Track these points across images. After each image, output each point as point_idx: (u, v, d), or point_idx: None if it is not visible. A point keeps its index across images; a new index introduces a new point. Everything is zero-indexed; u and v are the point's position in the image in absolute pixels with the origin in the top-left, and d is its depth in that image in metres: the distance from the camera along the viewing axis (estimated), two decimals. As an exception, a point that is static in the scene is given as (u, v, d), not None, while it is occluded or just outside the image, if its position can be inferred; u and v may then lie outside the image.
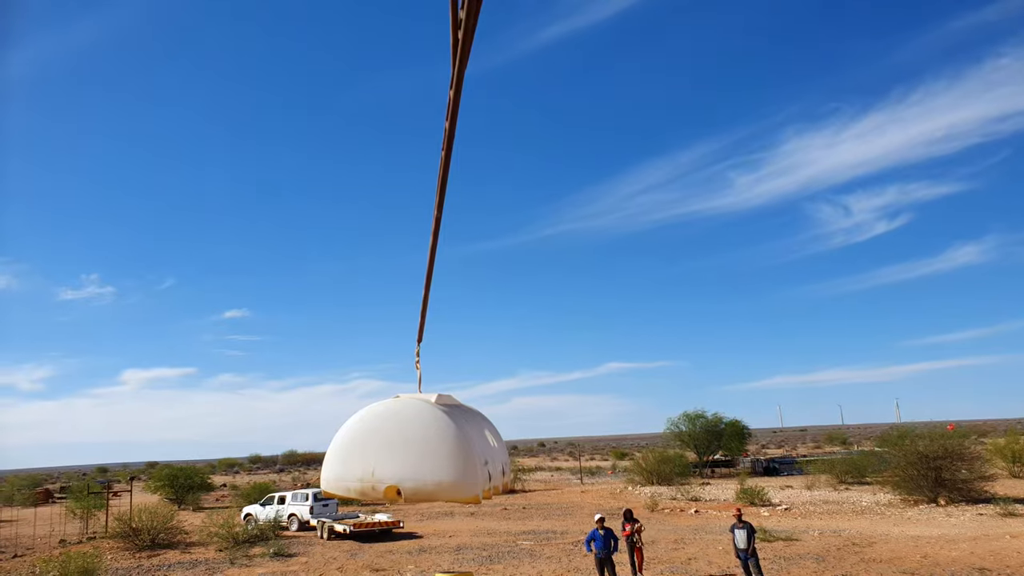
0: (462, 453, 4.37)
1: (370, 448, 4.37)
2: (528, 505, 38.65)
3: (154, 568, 22.55)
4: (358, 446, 4.40)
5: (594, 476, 60.44)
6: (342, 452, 4.39)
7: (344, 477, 4.35)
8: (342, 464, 4.38)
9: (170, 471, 49.64)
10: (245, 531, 27.78)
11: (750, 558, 15.72)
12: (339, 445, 4.41)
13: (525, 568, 19.76)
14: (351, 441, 4.41)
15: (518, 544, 24.39)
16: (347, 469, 4.37)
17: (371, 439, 4.41)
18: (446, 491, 4.56)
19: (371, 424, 4.47)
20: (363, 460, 4.36)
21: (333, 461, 4.40)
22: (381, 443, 4.39)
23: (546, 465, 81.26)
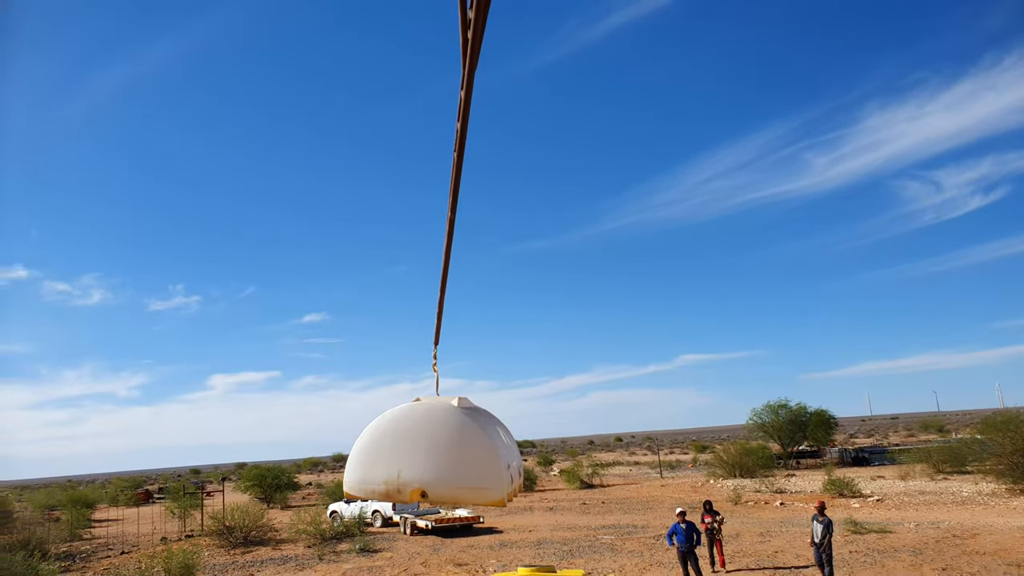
0: (488, 456, 4.33)
1: (396, 451, 4.32)
2: (607, 500, 38.38)
3: (248, 564, 23.39)
4: (384, 449, 4.36)
5: (674, 470, 59.57)
6: (366, 455, 4.36)
7: (369, 480, 4.32)
8: (367, 467, 4.34)
9: (258, 471, 51.41)
10: (332, 528, 28.52)
11: (823, 553, 15.24)
12: (363, 448, 4.38)
13: (607, 562, 19.62)
14: (376, 444, 4.38)
15: (598, 539, 24.25)
16: (372, 472, 4.33)
17: (397, 442, 4.36)
18: (472, 494, 4.54)
19: (396, 427, 4.42)
20: (389, 463, 4.32)
21: (357, 464, 4.36)
22: (407, 446, 4.34)
23: (624, 460, 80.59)
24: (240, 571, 22.02)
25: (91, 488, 66.21)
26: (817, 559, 15.43)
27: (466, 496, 4.59)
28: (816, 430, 57.28)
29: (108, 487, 68.73)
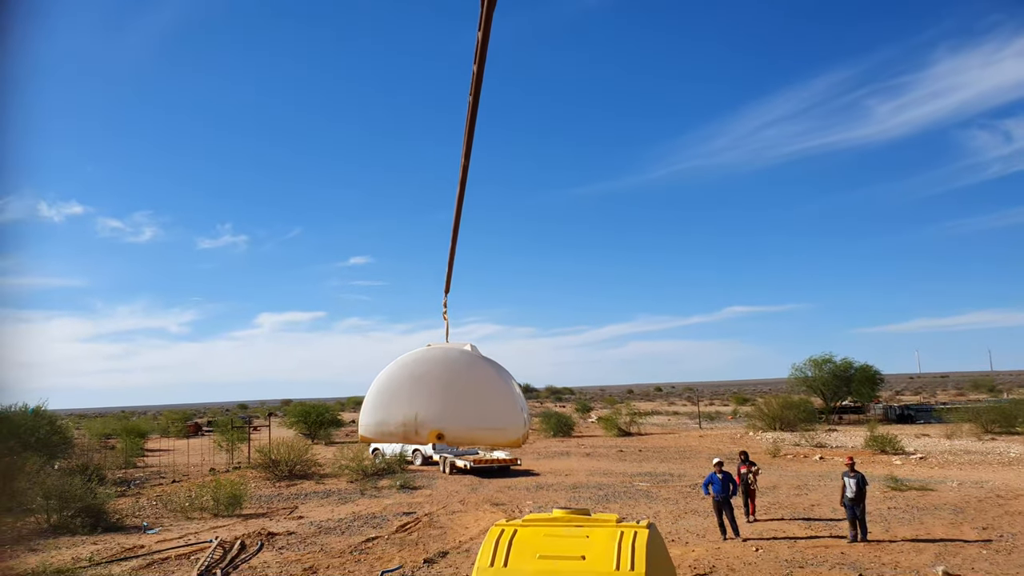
0: (504, 398, 4.46)
1: (413, 394, 4.38)
2: (644, 448, 38.55)
3: (292, 496, 24.16)
4: (401, 392, 4.38)
5: (713, 421, 59.47)
6: (382, 398, 4.36)
7: (386, 422, 4.34)
8: (383, 410, 4.35)
9: (303, 408, 52.82)
10: (373, 464, 29.24)
11: (856, 507, 15.05)
12: (379, 392, 4.38)
13: (642, 508, 19.74)
14: (393, 387, 4.39)
15: (634, 485, 24.40)
16: (389, 414, 4.35)
17: (414, 385, 4.41)
18: (489, 435, 4.57)
19: (412, 370, 4.46)
20: (406, 405, 4.34)
21: (373, 407, 4.36)
22: (424, 388, 4.40)
23: (663, 409, 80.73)
24: (285, 503, 22.76)
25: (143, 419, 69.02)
26: (850, 515, 15.26)
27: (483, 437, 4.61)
28: (861, 386, 56.43)
29: (159, 419, 71.56)
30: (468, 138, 2.99)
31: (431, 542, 16.10)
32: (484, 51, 2.41)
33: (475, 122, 2.85)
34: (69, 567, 14.19)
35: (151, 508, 22.29)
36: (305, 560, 14.69)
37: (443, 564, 14.14)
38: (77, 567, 14.31)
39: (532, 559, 7.03)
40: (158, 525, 19.25)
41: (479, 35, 2.33)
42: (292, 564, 14.40)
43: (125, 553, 15.79)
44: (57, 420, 31.72)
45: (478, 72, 2.50)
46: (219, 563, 14.61)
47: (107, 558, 15.31)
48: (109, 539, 17.45)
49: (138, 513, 21.31)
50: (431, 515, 19.47)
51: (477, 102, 2.70)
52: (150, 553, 15.73)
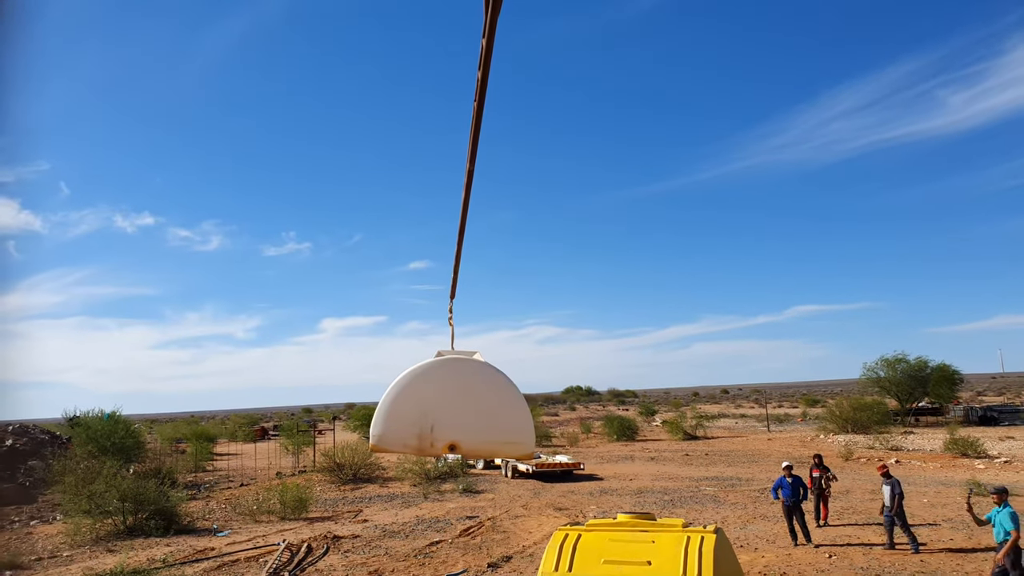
0: (519, 409, 4.42)
1: (428, 404, 4.31)
2: (711, 452, 37.74)
3: (357, 500, 24.43)
4: (416, 403, 4.31)
5: (782, 424, 57.90)
6: (397, 409, 4.28)
7: (401, 432, 4.26)
8: (398, 421, 4.28)
9: (366, 412, 53.53)
10: (436, 468, 29.36)
11: (894, 517, 14.34)
12: (394, 402, 4.30)
13: (709, 513, 19.25)
14: (407, 398, 4.31)
15: (701, 490, 23.85)
16: (404, 426, 4.28)
17: (429, 395, 4.34)
18: (504, 448, 4.50)
19: (427, 381, 4.39)
20: (421, 416, 4.27)
21: (388, 418, 4.27)
22: (439, 399, 4.33)
23: (730, 412, 79.04)
24: (350, 506, 23.01)
25: (212, 424, 71.15)
26: (887, 523, 14.62)
27: (498, 449, 4.56)
28: (938, 386, 54.07)
29: (227, 423, 73.66)
30: (473, 145, 2.92)
31: (494, 546, 16.00)
32: (488, 58, 2.36)
33: (480, 129, 2.79)
34: (145, 568, 14.57)
35: (221, 511, 22.84)
36: (370, 563, 14.76)
37: (507, 569, 14.01)
38: (152, 568, 14.70)
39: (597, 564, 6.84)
40: (228, 528, 19.67)
41: (483, 42, 2.28)
42: (357, 567, 14.49)
43: (197, 555, 16.17)
44: (131, 425, 32.85)
45: (482, 79, 2.45)
46: (287, 566, 14.80)
47: (180, 559, 15.70)
48: (181, 541, 17.92)
49: (208, 516, 21.85)
50: (494, 519, 19.39)
51: (482, 108, 2.65)
52: (220, 555, 16.06)
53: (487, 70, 2.41)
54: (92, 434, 29.29)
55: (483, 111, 2.68)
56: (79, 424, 31.51)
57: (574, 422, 68.00)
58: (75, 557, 16.71)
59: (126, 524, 19.10)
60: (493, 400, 4.36)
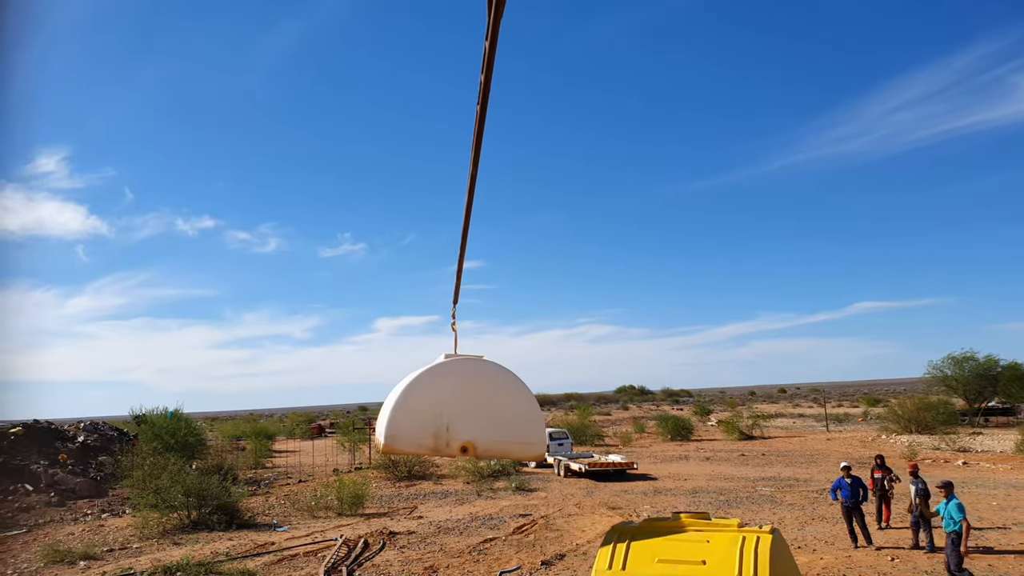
0: (532, 410, 4.48)
1: (443, 405, 4.33)
2: (767, 452, 37.04)
3: (412, 496, 24.74)
4: (431, 401, 4.32)
5: (841, 423, 56.44)
6: (412, 409, 4.30)
7: (417, 432, 4.27)
8: (414, 419, 4.29)
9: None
10: (489, 466, 29.52)
11: (919, 519, 14.14)
12: (407, 403, 4.31)
13: (765, 514, 18.93)
14: (422, 399, 4.33)
15: (757, 490, 23.45)
16: (421, 424, 4.30)
17: (443, 396, 4.38)
18: (517, 448, 4.58)
19: (441, 381, 4.43)
20: (436, 417, 4.29)
21: (401, 419, 4.28)
22: (455, 399, 4.37)
23: (787, 412, 77.37)
24: (405, 503, 23.32)
25: (270, 421, 72.71)
26: (913, 523, 14.40)
27: (512, 450, 4.59)
28: (1010, 385, 51.89)
29: (285, 421, 75.25)
30: (476, 149, 2.95)
31: (548, 544, 16.03)
32: (491, 61, 2.39)
33: (483, 133, 2.82)
34: (209, 561, 15.03)
35: (280, 507, 23.39)
36: (425, 559, 14.94)
37: (560, 566, 14.02)
38: (215, 561, 15.15)
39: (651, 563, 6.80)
40: (287, 523, 20.15)
41: (486, 44, 2.30)
42: (413, 563, 14.69)
43: (258, 549, 16.61)
44: (193, 422, 33.84)
45: (485, 81, 2.47)
46: (344, 561, 15.09)
47: (242, 553, 16.15)
48: (243, 536, 18.42)
49: (268, 511, 22.40)
50: (547, 517, 19.41)
51: (485, 111, 2.67)
52: (280, 550, 16.46)
53: (490, 73, 2.43)
54: (157, 431, 30.28)
55: (486, 114, 2.70)
56: (144, 421, 32.63)
57: (627, 421, 67.52)
58: (144, 549, 17.33)
59: (190, 518, 19.74)
60: (506, 400, 4.42)
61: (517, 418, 4.44)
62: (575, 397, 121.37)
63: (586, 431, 46.76)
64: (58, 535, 19.80)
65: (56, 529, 21.09)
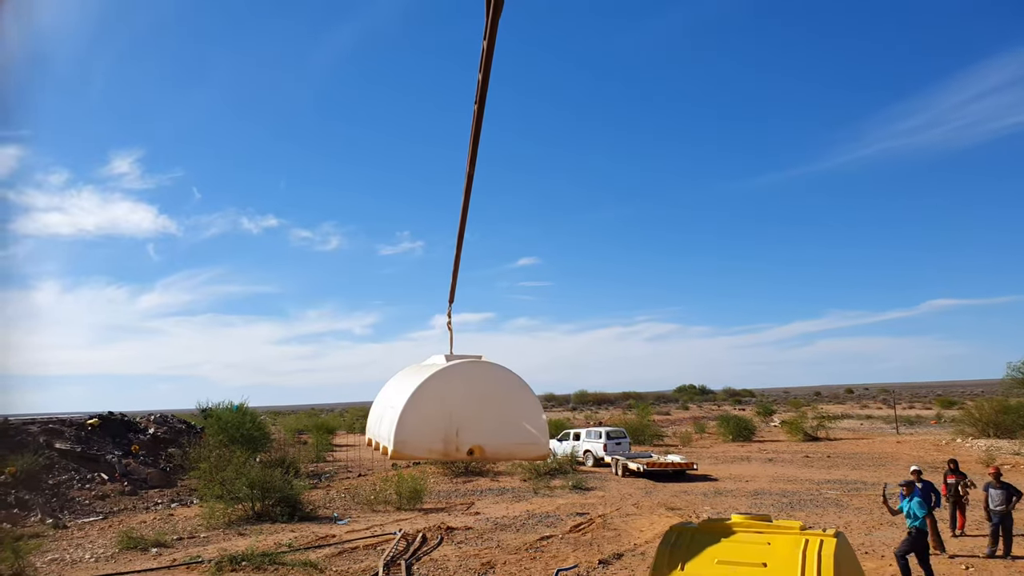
0: (537, 413, 4.47)
1: (453, 407, 4.31)
2: (833, 454, 36.00)
3: (469, 492, 24.89)
4: (441, 405, 4.30)
5: (913, 426, 54.48)
6: (422, 412, 4.26)
7: (427, 437, 4.25)
8: (424, 424, 4.27)
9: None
10: (545, 464, 29.49)
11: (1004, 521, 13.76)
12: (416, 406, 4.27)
13: (830, 517, 18.38)
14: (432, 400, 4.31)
15: (821, 493, 22.80)
16: (432, 429, 4.28)
17: (455, 398, 4.35)
18: (524, 450, 4.55)
19: (451, 383, 4.40)
20: (446, 421, 4.27)
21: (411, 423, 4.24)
22: (464, 402, 4.34)
23: (855, 413, 75.17)
24: (462, 498, 23.47)
25: (331, 416, 74.12)
26: (994, 528, 13.92)
27: (518, 452, 4.58)
28: (1094, 388, 49.27)
29: (345, 416, 76.60)
30: (473, 149, 2.90)
31: (605, 543, 15.90)
32: (489, 60, 2.36)
33: (480, 133, 2.76)
34: (272, 551, 15.40)
35: (340, 500, 23.82)
36: (483, 555, 15.00)
37: (618, 566, 13.89)
38: (279, 552, 15.51)
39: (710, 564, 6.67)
40: (347, 516, 20.50)
41: (484, 44, 2.27)
42: (470, 558, 14.75)
43: (319, 541, 16.94)
44: (257, 416, 34.74)
45: (483, 81, 2.43)
46: (403, 554, 15.27)
47: (304, 545, 16.50)
48: (305, 528, 18.82)
49: (329, 504, 22.84)
50: (604, 517, 19.26)
51: (482, 111, 2.64)
52: (341, 542, 16.76)
53: (487, 72, 2.40)
54: (222, 424, 31.18)
55: (483, 114, 2.67)
56: (210, 415, 33.64)
57: (687, 421, 66.61)
58: (211, 538, 17.87)
59: (255, 510, 20.26)
60: (511, 402, 4.44)
61: (522, 420, 4.45)
62: (633, 396, 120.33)
63: (645, 431, 46.29)
64: (131, 523, 20.59)
65: (129, 517, 21.94)
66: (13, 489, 23.49)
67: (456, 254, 4.31)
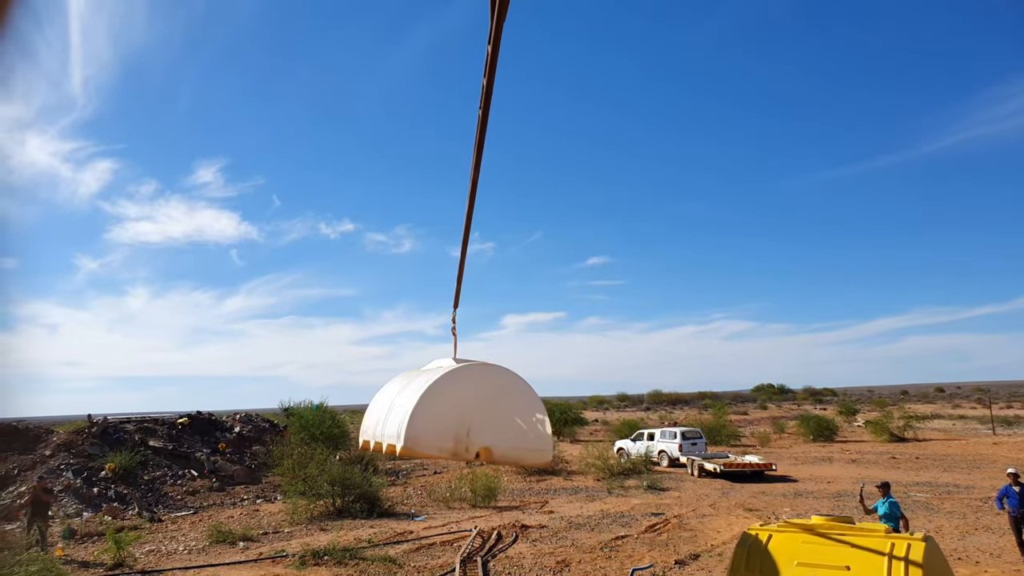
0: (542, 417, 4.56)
1: (465, 408, 4.36)
2: (922, 455, 34.51)
3: (543, 491, 24.95)
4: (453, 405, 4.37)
5: (1011, 426, 51.68)
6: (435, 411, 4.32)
7: (438, 436, 4.30)
8: (436, 422, 4.32)
9: (548, 406, 53.89)
10: (619, 464, 29.29)
11: None
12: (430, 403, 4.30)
13: (920, 521, 17.66)
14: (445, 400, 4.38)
15: (910, 495, 21.91)
16: (443, 428, 4.34)
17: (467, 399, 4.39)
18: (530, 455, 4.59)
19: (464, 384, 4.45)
20: (457, 422, 4.33)
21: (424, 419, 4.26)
22: (476, 403, 4.39)
23: (946, 413, 71.82)
24: (536, 497, 23.55)
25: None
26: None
27: (524, 457, 4.64)
28: None
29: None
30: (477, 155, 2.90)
31: (681, 544, 15.70)
32: (494, 65, 2.36)
33: (484, 138, 2.77)
34: (353, 547, 15.82)
35: (417, 497, 24.25)
36: (558, 553, 15.03)
37: (695, 566, 13.70)
38: (359, 547, 15.92)
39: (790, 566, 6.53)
40: (423, 513, 20.85)
41: (489, 49, 2.28)
42: (545, 556, 14.80)
43: (397, 537, 17.30)
44: (336, 415, 35.65)
45: (487, 86, 2.43)
46: (479, 551, 15.44)
47: (383, 540, 16.88)
48: (383, 524, 19.25)
49: (406, 501, 23.28)
50: (680, 517, 19.01)
51: (487, 116, 2.63)
52: (418, 538, 17.07)
53: (492, 77, 2.40)
54: (304, 423, 32.13)
55: (488, 119, 2.67)
56: (292, 414, 34.71)
57: (765, 421, 64.99)
58: (294, 533, 18.48)
59: (335, 506, 20.84)
60: (520, 407, 4.53)
61: (530, 425, 4.56)
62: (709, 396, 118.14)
63: (721, 431, 45.40)
64: (220, 517, 21.47)
65: (218, 512, 22.88)
66: (113, 484, 24.83)
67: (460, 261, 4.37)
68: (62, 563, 14.59)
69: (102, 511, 22.43)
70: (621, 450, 34.15)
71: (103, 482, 24.88)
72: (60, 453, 26.92)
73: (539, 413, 4.63)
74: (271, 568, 14.73)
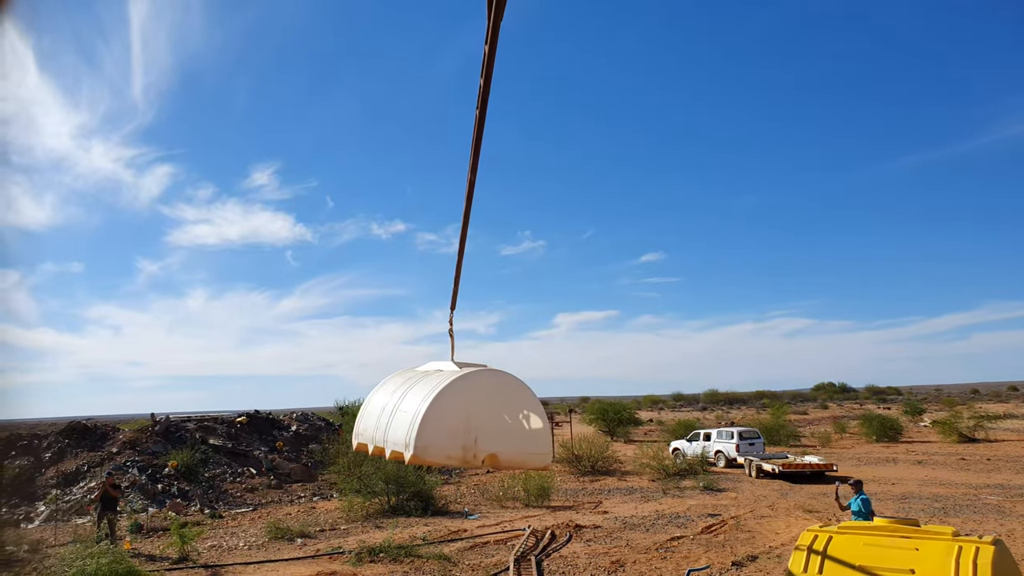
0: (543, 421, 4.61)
1: (472, 415, 4.36)
2: (994, 456, 33.17)
3: (596, 491, 24.81)
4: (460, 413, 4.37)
5: (1088, 427, 49.36)
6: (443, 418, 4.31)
7: (447, 444, 4.28)
8: (445, 430, 4.33)
9: (601, 405, 54.06)
10: (675, 464, 28.93)
11: None
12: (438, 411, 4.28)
13: (990, 524, 16.95)
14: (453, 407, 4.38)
15: (980, 498, 21.08)
16: (452, 436, 4.34)
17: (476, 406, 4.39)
18: (533, 459, 4.63)
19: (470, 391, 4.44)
20: (464, 429, 4.34)
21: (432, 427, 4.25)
22: (482, 410, 4.40)
23: (1019, 412, 68.95)
24: (590, 497, 23.43)
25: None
26: None
27: (528, 461, 4.66)
28: None
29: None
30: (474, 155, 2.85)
31: (738, 545, 15.41)
32: (491, 64, 2.34)
33: (481, 138, 2.72)
34: (408, 544, 15.98)
35: (470, 496, 24.37)
36: (612, 553, 14.91)
37: (752, 568, 13.43)
38: (414, 545, 16.07)
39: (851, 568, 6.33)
40: (477, 512, 20.95)
41: (486, 48, 2.25)
42: (600, 556, 14.70)
43: (451, 535, 17.41)
44: (392, 414, 36.01)
45: (484, 86, 2.40)
46: (533, 550, 15.43)
47: (437, 538, 17.01)
48: (437, 522, 19.39)
49: (459, 500, 23.42)
50: (737, 518, 18.67)
51: (484, 116, 2.60)
52: (472, 537, 17.15)
53: (489, 77, 2.39)
54: (358, 422, 32.56)
55: (485, 119, 2.64)
56: (347, 413, 35.24)
57: (825, 421, 63.39)
58: (350, 531, 18.76)
59: (390, 504, 21.09)
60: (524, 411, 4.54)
61: (532, 429, 4.62)
62: (767, 395, 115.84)
63: (780, 431, 44.42)
64: (278, 514, 21.95)
65: (276, 509, 23.39)
66: (176, 481, 25.62)
67: (458, 261, 4.36)
68: (130, 556, 15.11)
69: (166, 507, 23.18)
70: (677, 450, 33.72)
71: (166, 479, 25.70)
72: (126, 450, 27.93)
73: (540, 418, 4.69)
74: (329, 564, 14.97)
